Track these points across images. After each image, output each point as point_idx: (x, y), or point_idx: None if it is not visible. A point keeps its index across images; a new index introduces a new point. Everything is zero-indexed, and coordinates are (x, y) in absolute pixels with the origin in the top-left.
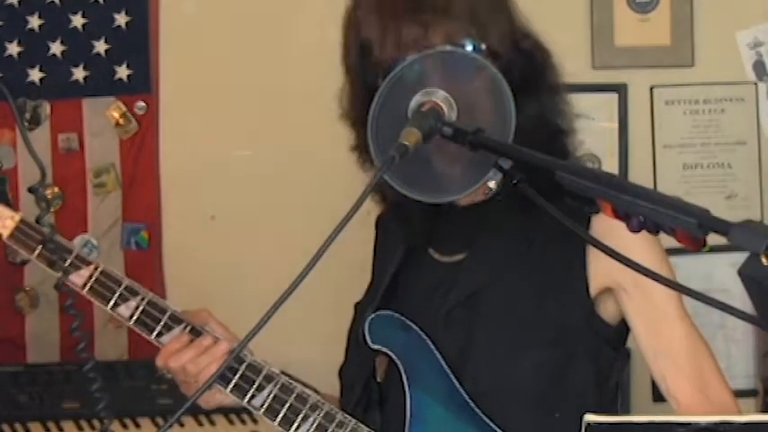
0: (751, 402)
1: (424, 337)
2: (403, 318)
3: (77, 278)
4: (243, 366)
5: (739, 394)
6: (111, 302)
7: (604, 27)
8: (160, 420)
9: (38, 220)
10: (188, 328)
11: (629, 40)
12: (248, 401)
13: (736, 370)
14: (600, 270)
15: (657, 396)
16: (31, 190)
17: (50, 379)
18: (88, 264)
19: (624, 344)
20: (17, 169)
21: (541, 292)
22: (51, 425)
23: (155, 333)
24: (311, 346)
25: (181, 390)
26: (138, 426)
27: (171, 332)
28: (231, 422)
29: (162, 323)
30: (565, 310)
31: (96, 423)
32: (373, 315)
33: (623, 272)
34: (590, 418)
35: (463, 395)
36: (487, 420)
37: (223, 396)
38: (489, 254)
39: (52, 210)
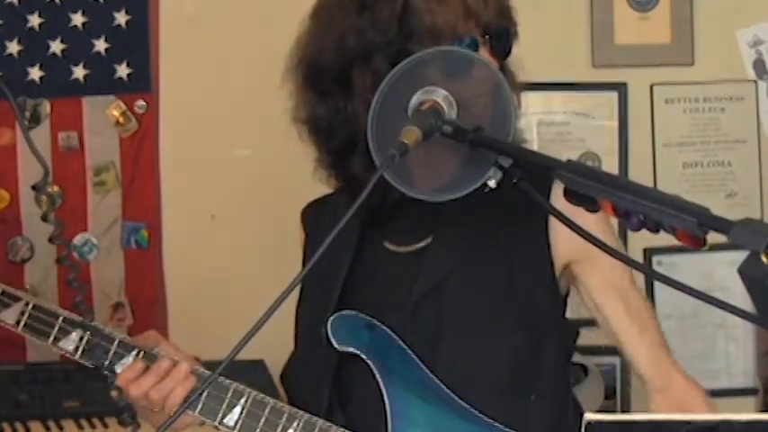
0: (751, 401)
1: (390, 332)
2: (365, 316)
3: (8, 316)
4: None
5: (739, 393)
6: (51, 337)
7: (604, 26)
8: None
9: (44, 219)
10: (140, 354)
11: (630, 39)
12: (220, 422)
13: (736, 369)
14: (561, 247)
15: None
16: (34, 187)
17: (50, 378)
18: (17, 299)
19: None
20: (17, 168)
21: (510, 272)
22: (51, 424)
23: (105, 364)
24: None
25: (141, 417)
26: (138, 425)
27: (122, 360)
28: None
29: (111, 352)
30: (533, 289)
31: (96, 422)
32: (334, 316)
33: (582, 248)
34: (590, 417)
35: (440, 385)
36: (468, 407)
37: (192, 418)
38: (454, 238)
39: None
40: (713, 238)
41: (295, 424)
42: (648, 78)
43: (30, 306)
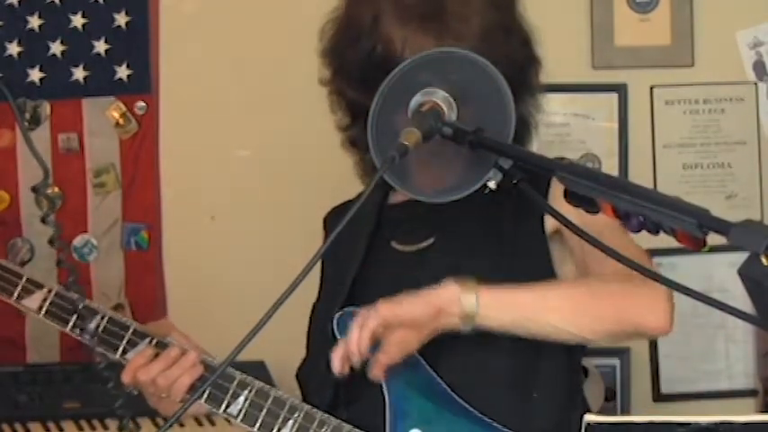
0: (751, 402)
1: None
2: None
3: (31, 302)
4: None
5: (739, 394)
6: (70, 324)
7: (604, 27)
8: (160, 420)
9: (43, 220)
10: (153, 342)
11: (629, 40)
12: (224, 410)
13: (736, 370)
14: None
15: (657, 396)
16: (34, 189)
17: (50, 379)
18: (41, 287)
19: None
20: (17, 169)
21: (509, 272)
22: (51, 425)
23: (119, 351)
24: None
25: (150, 403)
26: (138, 426)
27: (136, 348)
28: (231, 422)
29: (126, 340)
30: None
31: (96, 423)
32: (340, 312)
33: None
34: (590, 418)
35: (441, 383)
36: (468, 406)
37: (198, 406)
38: (456, 238)
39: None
40: (713, 239)
41: (296, 415)
42: (648, 80)
43: (52, 293)
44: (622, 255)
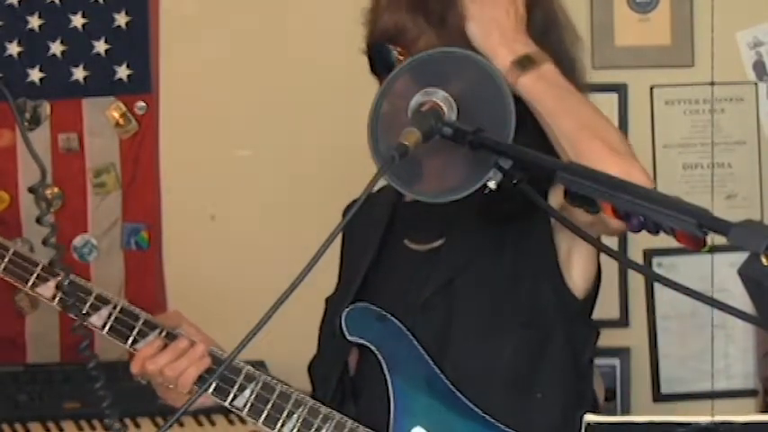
0: (751, 402)
1: (401, 326)
2: (379, 309)
3: (44, 290)
4: (222, 367)
5: (739, 394)
6: (83, 313)
7: (604, 27)
8: (160, 420)
9: (38, 220)
10: (162, 333)
11: (629, 40)
12: (230, 402)
13: (735, 370)
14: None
15: (657, 396)
16: (31, 190)
17: (50, 379)
18: (56, 275)
19: (591, 318)
20: (17, 169)
21: (514, 272)
22: (51, 425)
23: (129, 340)
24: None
25: (158, 393)
26: (137, 426)
27: (146, 338)
28: (231, 422)
29: (136, 330)
30: (538, 288)
31: (96, 423)
32: (349, 307)
33: None
34: (590, 418)
35: (445, 382)
36: (472, 406)
37: (204, 397)
38: (465, 238)
39: (52, 210)
40: (713, 239)
41: (300, 409)
42: (648, 80)
43: (66, 282)
44: (617, 252)
